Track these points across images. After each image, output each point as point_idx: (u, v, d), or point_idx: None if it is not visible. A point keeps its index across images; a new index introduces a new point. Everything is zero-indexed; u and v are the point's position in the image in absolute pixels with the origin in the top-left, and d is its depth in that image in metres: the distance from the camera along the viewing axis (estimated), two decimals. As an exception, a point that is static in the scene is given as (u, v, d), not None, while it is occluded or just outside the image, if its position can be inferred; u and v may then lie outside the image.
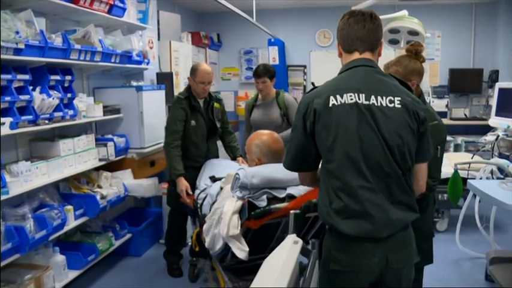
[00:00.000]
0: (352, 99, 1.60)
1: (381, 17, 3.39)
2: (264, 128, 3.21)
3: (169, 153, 3.37)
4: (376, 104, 1.61)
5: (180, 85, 4.93)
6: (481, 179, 3.71)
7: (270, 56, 6.49)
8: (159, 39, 4.74)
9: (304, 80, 6.90)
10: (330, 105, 1.61)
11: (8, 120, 2.63)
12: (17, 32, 2.59)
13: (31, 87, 2.91)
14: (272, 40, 6.45)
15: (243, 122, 7.10)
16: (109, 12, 3.59)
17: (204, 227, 2.57)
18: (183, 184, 3.25)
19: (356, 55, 1.72)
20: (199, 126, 3.50)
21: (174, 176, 3.30)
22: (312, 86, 2.95)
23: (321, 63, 6.72)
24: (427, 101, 2.50)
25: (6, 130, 2.61)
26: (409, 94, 1.68)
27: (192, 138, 3.48)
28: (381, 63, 1.84)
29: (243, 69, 7.09)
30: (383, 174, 1.60)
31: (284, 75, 6.68)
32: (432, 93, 6.46)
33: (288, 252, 1.39)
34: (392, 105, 1.62)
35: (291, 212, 2.11)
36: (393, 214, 1.62)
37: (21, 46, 2.67)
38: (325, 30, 6.82)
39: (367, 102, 1.60)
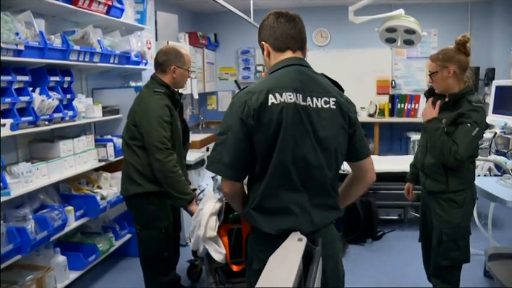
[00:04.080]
0: (291, 98, 1.55)
1: (378, 16, 3.46)
2: None
3: (171, 175, 2.58)
4: (311, 106, 1.58)
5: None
6: (478, 176, 3.73)
7: (268, 56, 6.46)
8: (156, 39, 4.74)
9: (302, 79, 6.91)
10: (269, 103, 1.53)
11: (8, 121, 2.63)
12: (17, 34, 2.59)
13: (31, 89, 2.91)
14: (269, 40, 6.43)
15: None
16: (107, 13, 3.58)
17: (190, 228, 2.56)
18: (196, 208, 2.60)
19: (289, 54, 1.68)
20: (180, 131, 2.80)
21: (184, 203, 2.66)
22: (235, 84, 2.87)
23: (318, 62, 6.65)
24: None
25: (7, 131, 2.61)
26: (342, 94, 1.67)
27: (176, 148, 2.71)
28: (377, 63, 1.84)
29: (240, 69, 7.08)
30: (309, 176, 1.59)
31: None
32: (429, 91, 6.47)
33: (292, 250, 1.39)
34: (327, 106, 1.60)
35: None
36: (315, 216, 1.61)
37: (21, 47, 2.67)
38: (322, 29, 6.82)
39: (304, 104, 1.57)
